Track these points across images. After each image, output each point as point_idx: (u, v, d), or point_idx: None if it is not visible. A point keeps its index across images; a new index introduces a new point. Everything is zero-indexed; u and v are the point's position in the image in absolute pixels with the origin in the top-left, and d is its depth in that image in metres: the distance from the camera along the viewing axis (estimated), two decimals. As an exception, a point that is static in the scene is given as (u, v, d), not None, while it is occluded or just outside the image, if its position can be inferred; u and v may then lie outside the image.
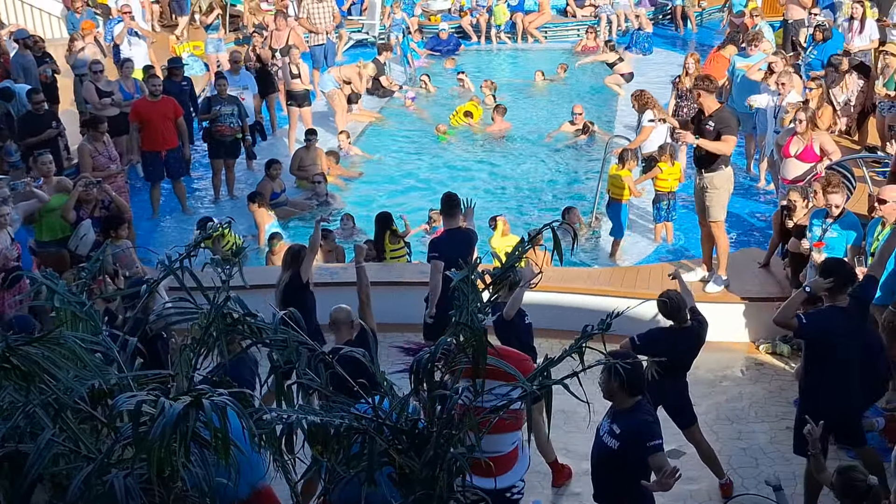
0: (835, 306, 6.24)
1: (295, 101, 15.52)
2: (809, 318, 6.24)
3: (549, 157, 15.33)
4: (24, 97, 12.86)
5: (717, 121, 8.89)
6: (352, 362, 3.94)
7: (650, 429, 5.27)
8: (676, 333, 6.76)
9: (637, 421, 5.25)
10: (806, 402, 6.39)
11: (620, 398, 5.30)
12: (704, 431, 7.50)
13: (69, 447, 3.30)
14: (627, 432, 5.22)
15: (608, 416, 5.42)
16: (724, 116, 9.01)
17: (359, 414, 3.63)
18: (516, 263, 3.93)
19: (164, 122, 12.66)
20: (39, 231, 10.02)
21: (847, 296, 6.22)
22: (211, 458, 3.16)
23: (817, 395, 6.26)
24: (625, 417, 5.27)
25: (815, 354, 6.30)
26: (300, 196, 13.69)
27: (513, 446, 5.40)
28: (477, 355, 3.70)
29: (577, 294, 9.58)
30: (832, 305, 6.27)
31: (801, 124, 10.07)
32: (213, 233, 4.10)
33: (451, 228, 8.25)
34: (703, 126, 8.95)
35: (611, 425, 5.33)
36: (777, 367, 8.81)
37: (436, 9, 23.19)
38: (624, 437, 5.22)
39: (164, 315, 3.90)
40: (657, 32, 21.48)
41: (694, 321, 6.80)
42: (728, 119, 9.02)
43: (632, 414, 5.26)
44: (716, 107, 9.04)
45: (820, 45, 13.70)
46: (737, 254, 10.41)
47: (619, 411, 5.32)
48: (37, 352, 3.27)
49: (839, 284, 6.19)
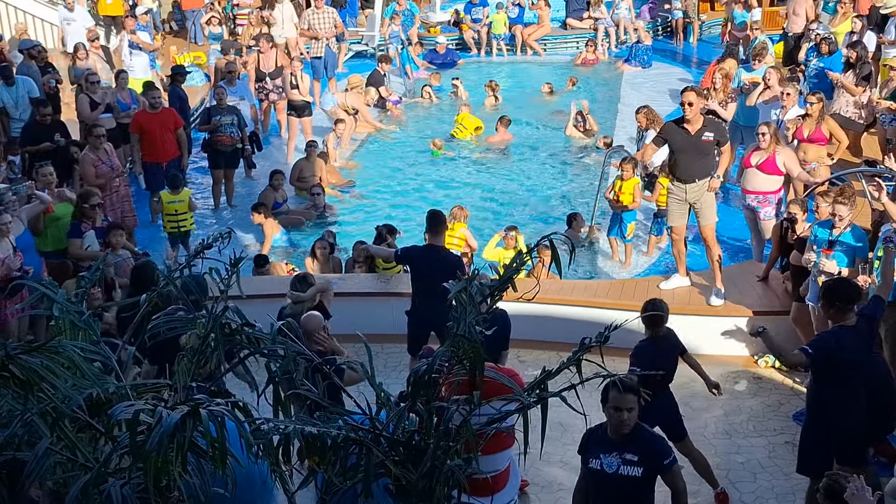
0: (843, 326, 6.22)
1: (295, 112, 15.59)
2: (814, 345, 6.23)
3: (549, 168, 15.37)
4: (24, 93, 13.12)
5: (713, 131, 9.00)
6: None
7: (664, 446, 5.30)
8: (660, 344, 6.81)
9: (651, 441, 5.23)
10: (813, 421, 6.36)
11: (629, 421, 5.17)
12: (702, 445, 7.50)
13: (67, 455, 3.30)
14: (648, 456, 5.16)
15: (608, 451, 5.22)
16: (716, 124, 9.25)
17: (356, 425, 3.63)
18: (515, 275, 3.94)
19: (164, 133, 12.71)
20: (44, 241, 10.01)
21: (855, 314, 6.22)
22: (208, 468, 3.16)
23: (826, 414, 6.23)
24: (635, 443, 5.17)
25: (823, 374, 6.26)
26: (300, 205, 13.73)
27: (507, 463, 5.43)
28: (474, 367, 3.71)
29: (574, 306, 9.57)
30: (840, 325, 6.25)
31: (765, 137, 10.18)
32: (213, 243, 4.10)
33: (433, 245, 8.30)
34: (699, 137, 8.97)
35: (622, 456, 5.17)
36: (776, 381, 8.80)
37: (435, 21, 23.26)
38: (645, 461, 5.15)
39: (163, 324, 3.90)
40: (656, 46, 21.52)
41: (670, 330, 6.88)
42: (720, 127, 9.37)
43: (640, 436, 5.20)
44: (702, 118, 9.12)
45: (826, 59, 13.74)
46: (735, 267, 10.42)
47: (622, 438, 5.17)
48: (35, 360, 3.27)
49: (844, 304, 6.19)
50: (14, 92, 13.36)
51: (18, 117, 13.24)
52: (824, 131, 11.23)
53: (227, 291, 3.86)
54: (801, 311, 8.62)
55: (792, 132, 11.30)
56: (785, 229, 9.38)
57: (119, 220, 10.96)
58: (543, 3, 22.22)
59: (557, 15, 22.88)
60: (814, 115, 11.19)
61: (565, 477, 7.26)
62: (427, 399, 3.68)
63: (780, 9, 20.58)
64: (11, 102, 13.37)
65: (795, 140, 11.21)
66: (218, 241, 4.07)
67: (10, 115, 13.38)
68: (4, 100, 13.37)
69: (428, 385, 3.67)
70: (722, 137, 9.09)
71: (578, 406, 3.66)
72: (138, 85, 14.52)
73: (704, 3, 22.99)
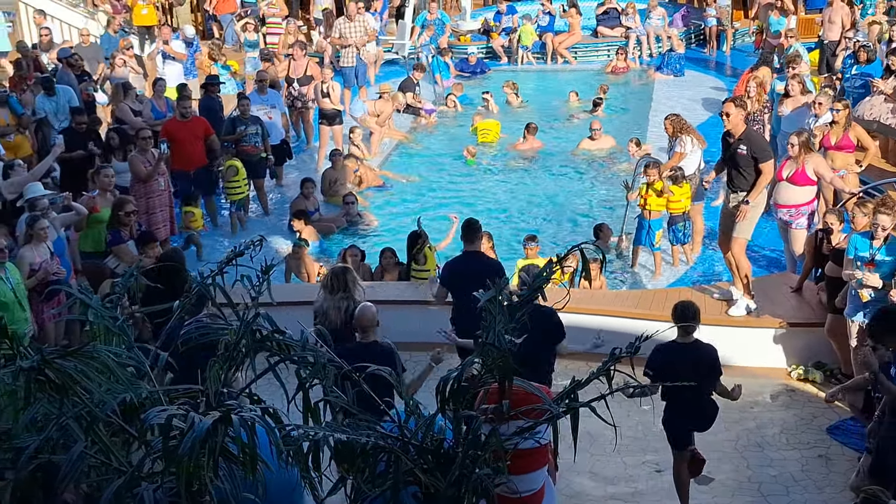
0: None
1: (326, 120, 15.67)
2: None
3: (577, 176, 15.33)
4: (64, 102, 13.38)
5: (748, 144, 8.83)
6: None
7: None
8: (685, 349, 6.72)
9: None
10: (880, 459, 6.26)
11: None
12: (734, 457, 7.45)
13: (101, 459, 3.34)
14: None
15: None
16: (755, 138, 8.98)
17: (385, 433, 3.64)
18: (544, 284, 3.93)
19: (193, 141, 12.81)
20: (85, 240, 10.21)
21: None
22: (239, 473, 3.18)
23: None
24: None
25: None
26: (331, 212, 13.80)
27: (542, 482, 5.45)
28: (503, 377, 3.71)
29: (604, 316, 9.53)
30: None
31: (794, 148, 10.02)
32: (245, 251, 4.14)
33: (469, 252, 8.31)
34: (735, 150, 8.90)
35: None
36: (809, 394, 8.70)
37: (465, 29, 23.33)
38: None
39: (194, 331, 3.93)
40: (689, 55, 21.40)
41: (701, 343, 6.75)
42: (761, 143, 9.01)
43: None
44: (743, 128, 9.00)
45: (866, 67, 13.59)
46: (769, 277, 10.34)
47: None
48: (70, 365, 3.32)
49: None
50: (55, 102, 13.58)
51: (58, 127, 13.43)
52: (852, 138, 11.16)
53: (258, 298, 3.89)
54: (836, 322, 8.52)
55: (819, 139, 11.18)
56: (819, 240, 9.29)
57: (157, 226, 11.25)
58: (574, 11, 22.21)
59: (588, 23, 22.86)
60: (840, 122, 11.08)
61: (594, 487, 7.24)
62: (456, 408, 3.69)
63: (815, 16, 20.44)
64: (52, 112, 13.58)
65: (823, 148, 11.10)
66: (249, 248, 4.11)
67: (52, 125, 13.57)
68: (46, 109, 13.58)
69: (457, 394, 3.68)
70: (759, 153, 8.81)
71: (608, 416, 3.65)
72: (170, 93, 14.67)
73: (738, 11, 22.85)
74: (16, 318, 8.17)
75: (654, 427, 7.31)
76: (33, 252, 8.85)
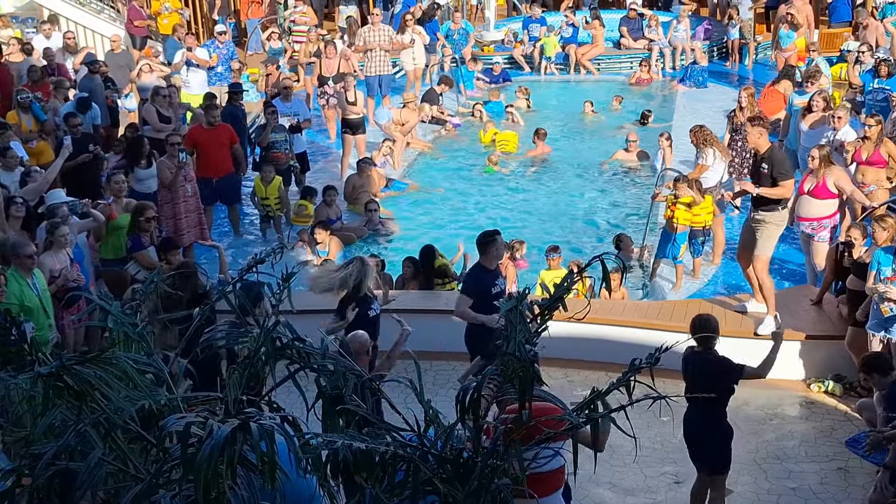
0: None
1: (350, 129, 15.68)
2: None
3: (599, 187, 15.29)
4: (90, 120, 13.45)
5: (770, 164, 8.79)
6: None
7: None
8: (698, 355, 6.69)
9: None
10: None
11: None
12: (753, 469, 7.39)
13: (118, 466, 3.34)
14: None
15: None
16: (777, 158, 8.91)
17: (404, 442, 3.63)
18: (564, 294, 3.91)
19: (218, 149, 12.89)
20: (106, 248, 10.27)
21: None
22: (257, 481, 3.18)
23: None
24: None
25: None
26: (353, 221, 13.82)
27: None
28: (523, 386, 3.69)
29: (625, 327, 9.50)
30: None
31: (814, 161, 9.96)
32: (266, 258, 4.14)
33: (480, 265, 8.31)
34: (759, 169, 8.88)
35: None
36: (828, 406, 8.64)
37: (489, 40, 23.34)
38: None
39: (214, 338, 3.94)
40: (711, 68, 21.33)
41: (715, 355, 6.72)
42: (782, 162, 8.94)
43: None
44: (767, 146, 8.95)
45: (888, 81, 13.51)
46: (789, 290, 10.28)
47: None
48: (89, 371, 3.32)
49: None
50: (87, 120, 13.61)
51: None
52: (883, 154, 11.11)
53: (278, 306, 3.89)
54: (857, 335, 8.47)
55: (851, 154, 11.13)
56: (840, 253, 9.24)
57: (182, 231, 11.36)
58: (598, 23, 22.19)
59: (611, 35, 22.83)
60: (872, 138, 11.02)
61: (614, 498, 7.20)
62: (476, 417, 3.67)
63: (841, 30, 20.34)
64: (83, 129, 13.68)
65: (854, 163, 11.04)
66: (271, 255, 4.11)
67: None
68: None
69: (476, 403, 3.66)
70: (778, 174, 8.77)
71: (628, 427, 3.63)
72: (194, 100, 14.76)
73: (761, 25, 22.75)
74: (40, 325, 8.23)
75: (673, 438, 7.28)
76: (53, 259, 8.91)
